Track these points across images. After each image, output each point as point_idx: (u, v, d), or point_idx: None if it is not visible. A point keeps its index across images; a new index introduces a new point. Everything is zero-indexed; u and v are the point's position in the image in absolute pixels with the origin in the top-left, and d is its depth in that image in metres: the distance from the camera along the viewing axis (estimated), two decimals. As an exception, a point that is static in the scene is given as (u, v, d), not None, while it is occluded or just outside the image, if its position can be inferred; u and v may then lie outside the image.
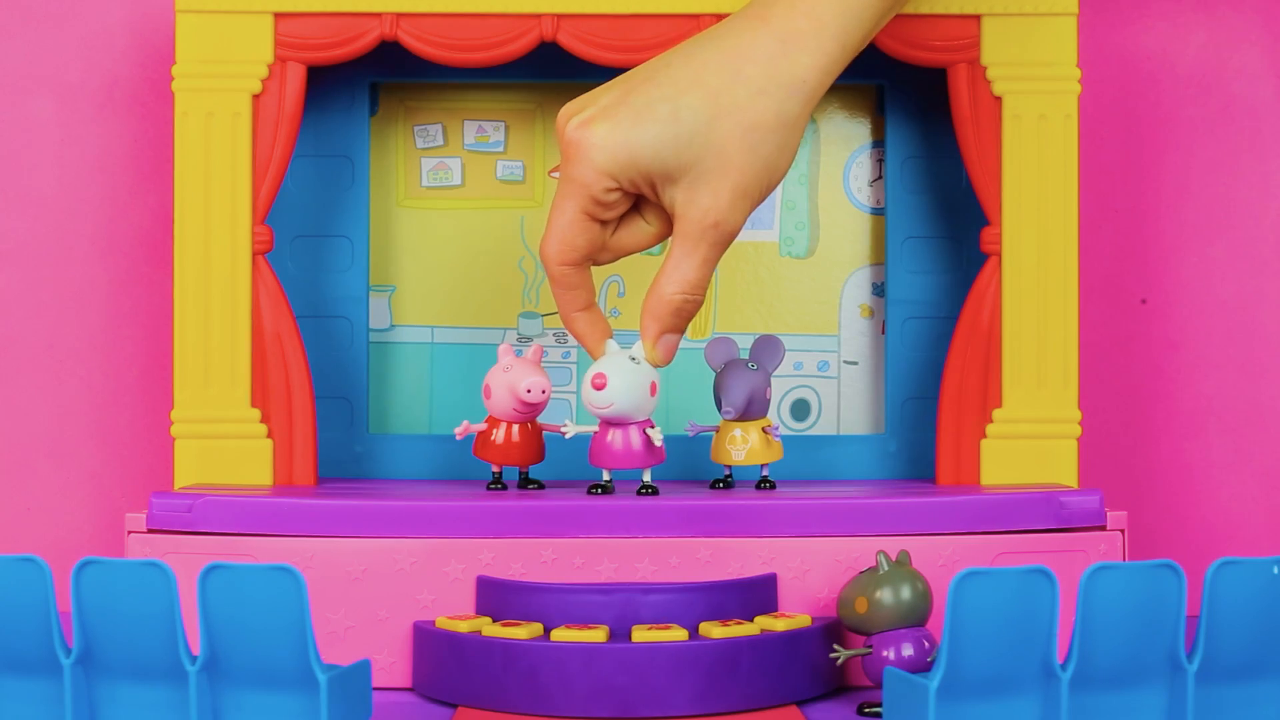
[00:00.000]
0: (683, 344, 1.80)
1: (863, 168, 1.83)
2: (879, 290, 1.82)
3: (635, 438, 1.56)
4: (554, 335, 1.82)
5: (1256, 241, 1.86)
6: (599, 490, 1.55)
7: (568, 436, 1.58)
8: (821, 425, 1.83)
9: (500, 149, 1.83)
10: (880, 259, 1.82)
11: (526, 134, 1.83)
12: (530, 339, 1.82)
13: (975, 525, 1.52)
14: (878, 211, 1.82)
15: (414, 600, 1.48)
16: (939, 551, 1.50)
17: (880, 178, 1.82)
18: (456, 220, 1.82)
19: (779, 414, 1.82)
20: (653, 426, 1.56)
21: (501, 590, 1.46)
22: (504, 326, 1.82)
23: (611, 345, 1.56)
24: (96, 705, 1.22)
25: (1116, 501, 1.79)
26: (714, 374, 1.62)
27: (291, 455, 1.65)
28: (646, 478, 1.57)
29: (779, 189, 1.82)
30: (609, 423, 1.56)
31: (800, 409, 1.82)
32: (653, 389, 1.55)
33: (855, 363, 1.83)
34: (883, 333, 1.81)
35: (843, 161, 1.83)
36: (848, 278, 1.83)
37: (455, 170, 1.83)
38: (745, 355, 1.63)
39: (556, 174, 1.51)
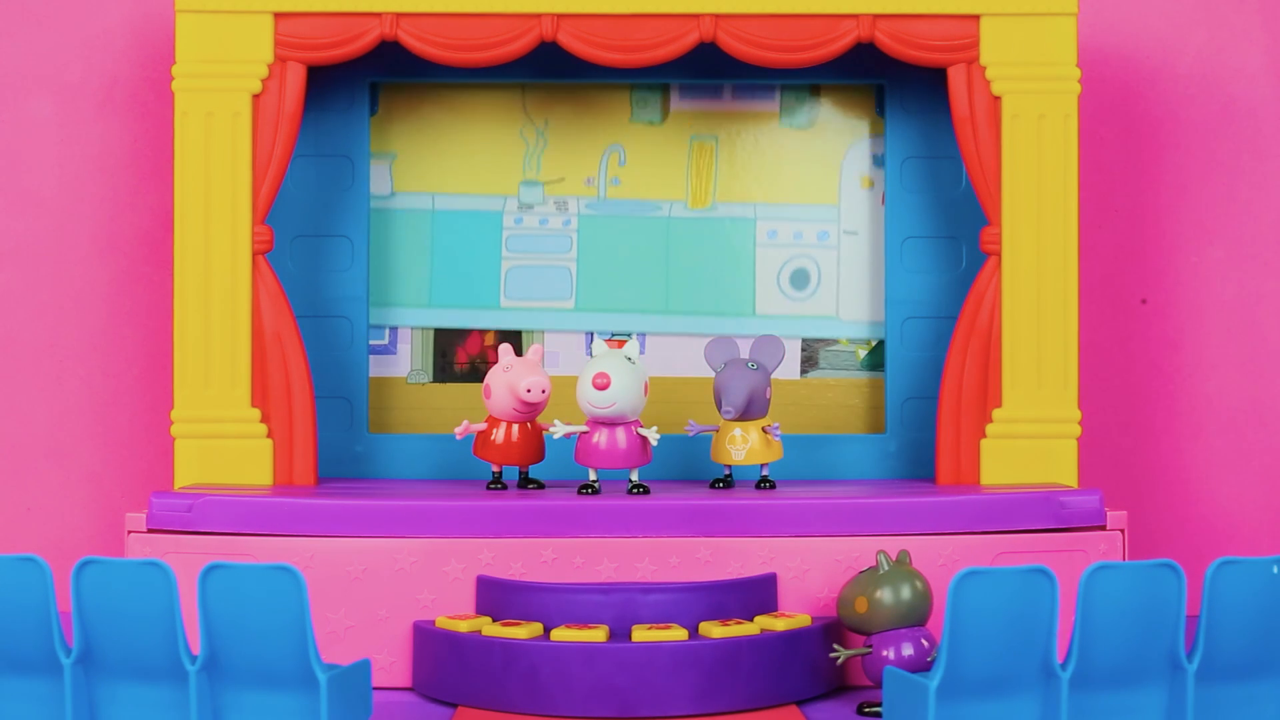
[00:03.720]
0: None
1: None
2: (879, 161, 1.82)
3: (622, 437, 1.57)
4: (554, 203, 1.81)
5: (1256, 241, 1.86)
6: (587, 490, 1.56)
7: (557, 437, 1.58)
8: (821, 296, 1.82)
9: (500, 147, 1.84)
10: (879, 130, 1.81)
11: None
12: (531, 206, 1.81)
13: (975, 525, 1.52)
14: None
15: (414, 600, 1.48)
16: (939, 551, 1.50)
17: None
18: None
19: (779, 284, 1.82)
20: (642, 426, 1.57)
21: (501, 590, 1.46)
22: (505, 194, 1.81)
23: (601, 345, 1.57)
24: (96, 705, 1.22)
25: (1116, 501, 1.79)
26: (714, 374, 1.62)
27: (291, 455, 1.65)
28: (634, 477, 1.57)
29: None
30: (599, 422, 1.57)
31: (800, 278, 1.81)
32: (645, 389, 1.57)
33: (855, 233, 1.82)
34: (882, 204, 1.81)
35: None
36: (848, 149, 1.82)
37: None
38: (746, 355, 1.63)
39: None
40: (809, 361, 1.82)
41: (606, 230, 1.82)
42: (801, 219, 1.82)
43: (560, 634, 1.40)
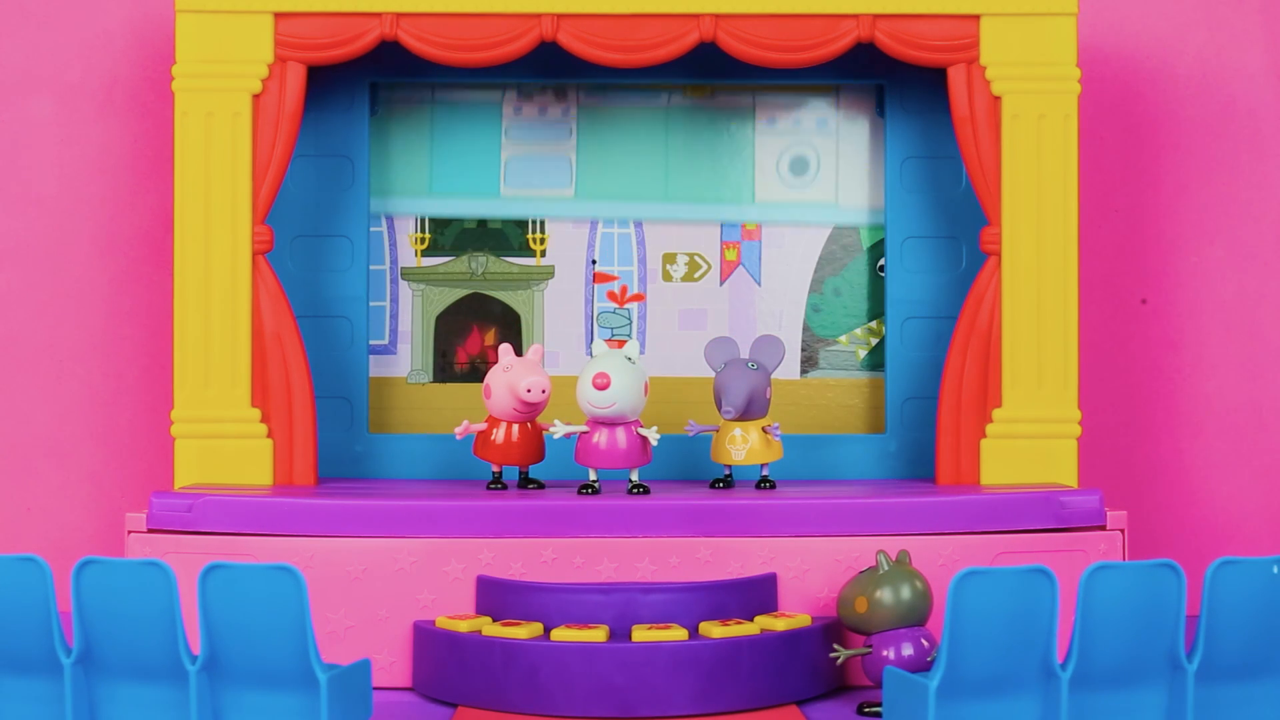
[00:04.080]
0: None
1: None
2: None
3: (623, 437, 1.57)
4: (553, 92, 1.80)
5: (1256, 241, 1.86)
6: (588, 490, 1.56)
7: (557, 437, 1.58)
8: (820, 183, 1.82)
9: (500, 148, 1.84)
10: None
11: (526, 133, 1.83)
12: (530, 95, 1.80)
13: (975, 525, 1.52)
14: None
15: (414, 600, 1.48)
16: (939, 551, 1.50)
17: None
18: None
19: (779, 171, 1.82)
20: (642, 426, 1.57)
21: (501, 590, 1.46)
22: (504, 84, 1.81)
23: (601, 345, 1.58)
24: (96, 705, 1.22)
25: (1116, 501, 1.79)
26: (714, 374, 1.62)
27: (291, 455, 1.65)
28: (634, 477, 1.57)
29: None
30: (600, 422, 1.57)
31: (799, 165, 1.81)
32: (645, 389, 1.57)
33: (854, 119, 1.82)
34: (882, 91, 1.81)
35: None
36: None
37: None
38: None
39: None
40: (809, 361, 1.82)
41: (606, 119, 1.82)
42: (800, 106, 1.82)
43: (560, 634, 1.40)
